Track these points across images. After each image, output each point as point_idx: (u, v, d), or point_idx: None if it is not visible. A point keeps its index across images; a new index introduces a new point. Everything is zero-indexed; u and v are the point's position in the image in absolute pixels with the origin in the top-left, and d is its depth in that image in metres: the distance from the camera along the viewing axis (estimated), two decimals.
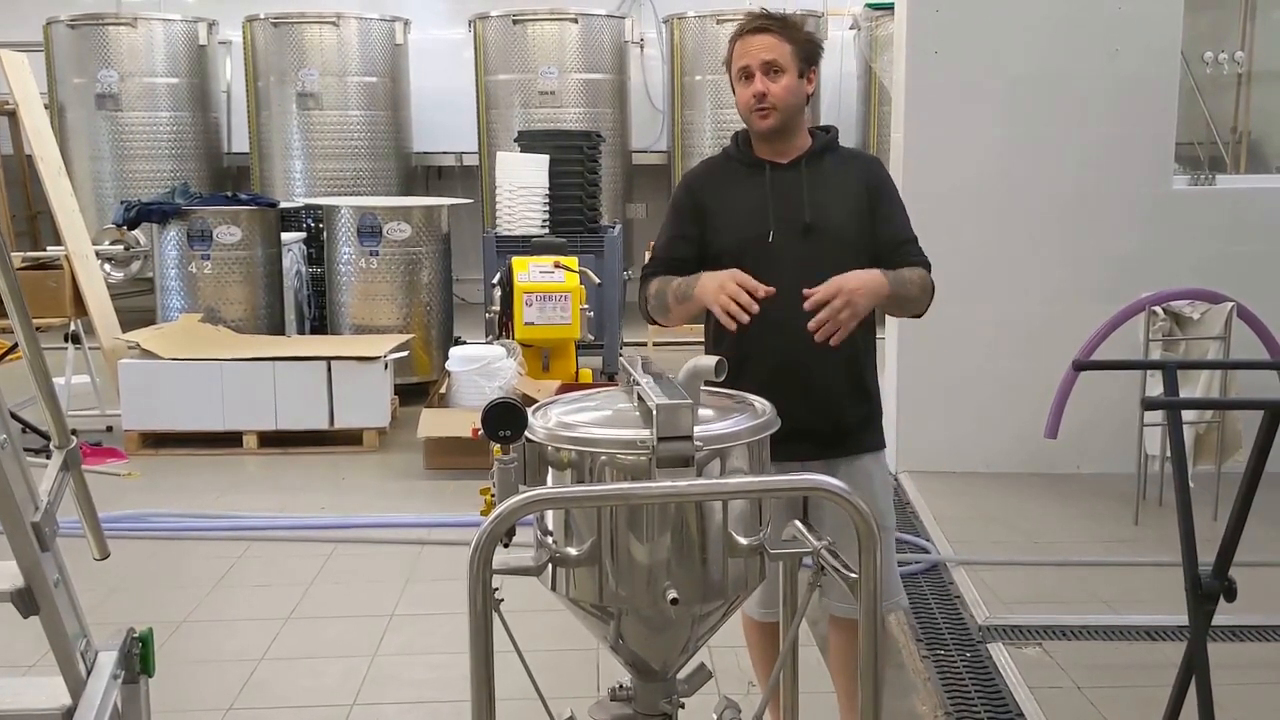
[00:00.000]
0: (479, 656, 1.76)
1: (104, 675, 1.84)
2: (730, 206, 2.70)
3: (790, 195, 2.66)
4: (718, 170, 2.79)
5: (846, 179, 2.71)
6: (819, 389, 2.64)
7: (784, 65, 2.61)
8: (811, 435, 2.59)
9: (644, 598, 1.90)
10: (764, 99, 2.60)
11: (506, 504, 1.74)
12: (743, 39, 2.66)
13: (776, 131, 2.65)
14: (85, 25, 9.88)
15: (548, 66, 9.75)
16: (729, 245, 2.67)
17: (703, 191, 2.74)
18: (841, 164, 2.73)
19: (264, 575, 4.51)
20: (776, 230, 2.63)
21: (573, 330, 6.55)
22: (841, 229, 2.66)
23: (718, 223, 2.70)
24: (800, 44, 2.65)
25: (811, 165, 2.69)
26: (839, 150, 2.76)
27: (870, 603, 1.81)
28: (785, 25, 2.66)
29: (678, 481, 1.80)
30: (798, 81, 2.64)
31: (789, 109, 2.63)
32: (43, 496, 1.75)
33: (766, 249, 2.63)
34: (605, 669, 3.43)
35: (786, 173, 2.69)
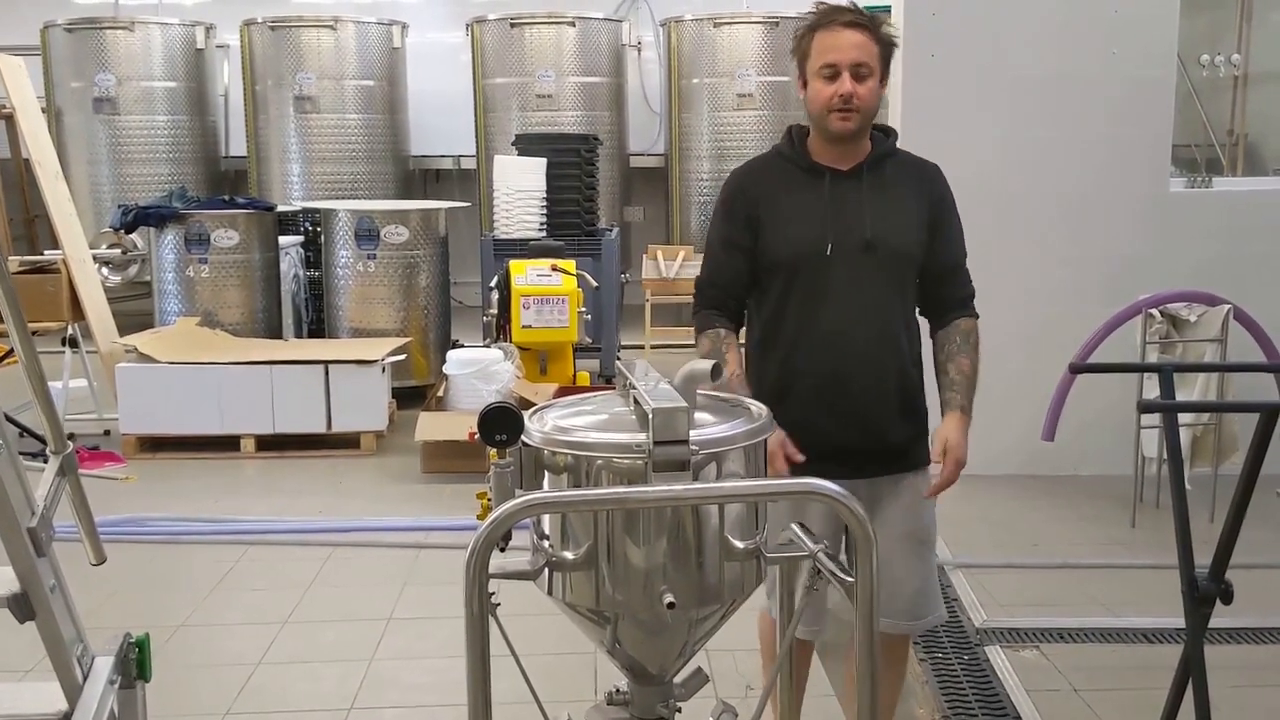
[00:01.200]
0: (475, 661, 1.76)
1: (100, 680, 1.85)
2: (786, 215, 2.55)
3: (850, 207, 2.52)
4: (772, 172, 2.62)
5: (908, 190, 2.58)
6: (870, 407, 2.56)
7: (873, 67, 2.47)
8: (860, 454, 2.54)
9: (640, 602, 1.90)
10: (850, 101, 2.45)
11: (503, 508, 1.74)
12: (830, 32, 2.47)
13: (854, 136, 2.52)
14: (82, 29, 9.89)
15: (545, 70, 9.76)
16: (783, 257, 2.54)
17: (757, 196, 2.58)
18: (902, 173, 2.60)
19: (261, 579, 4.51)
20: (835, 245, 2.50)
21: (570, 333, 6.55)
22: (902, 246, 2.54)
23: (772, 232, 2.55)
24: (885, 46, 2.51)
25: (873, 174, 2.55)
26: (898, 156, 2.62)
27: (867, 608, 1.81)
28: (874, 25, 2.50)
29: (674, 485, 1.80)
30: (879, 86, 2.50)
31: (870, 114, 2.50)
32: (39, 502, 1.75)
33: (823, 264, 2.51)
34: (603, 673, 3.43)
35: (847, 181, 2.54)
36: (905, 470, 2.64)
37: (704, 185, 9.94)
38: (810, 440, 2.47)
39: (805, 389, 2.51)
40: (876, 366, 2.53)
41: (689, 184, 10.01)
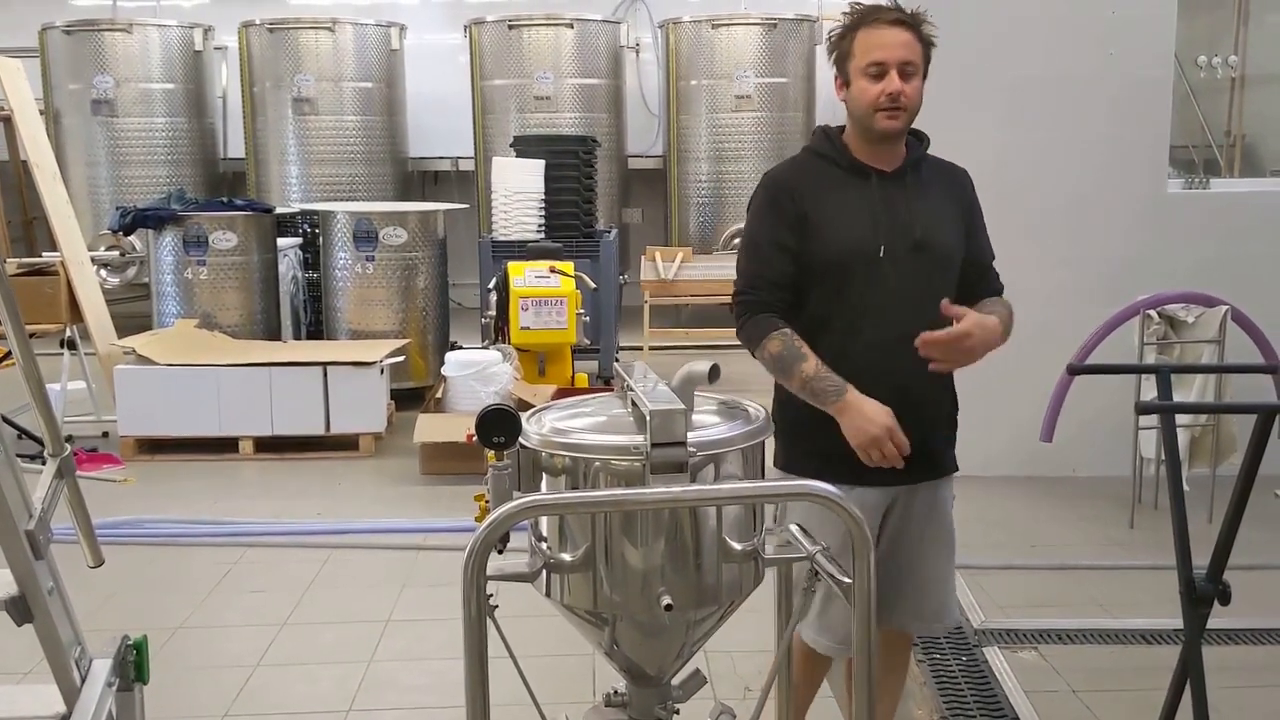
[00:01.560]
0: (473, 662, 1.77)
1: (98, 683, 1.85)
2: (835, 216, 2.47)
3: (897, 208, 2.48)
4: (814, 173, 2.53)
5: (944, 192, 2.56)
6: (923, 412, 2.52)
7: (918, 65, 2.43)
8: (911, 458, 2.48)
9: (638, 603, 1.90)
10: (898, 100, 2.40)
11: (500, 510, 1.75)
12: (875, 30, 2.43)
13: (899, 135, 2.48)
14: (81, 31, 9.89)
15: (543, 71, 9.76)
16: (834, 259, 2.46)
17: (801, 195, 2.49)
18: (936, 175, 2.58)
19: (260, 581, 4.50)
20: (887, 245, 2.45)
21: (568, 335, 6.55)
22: (948, 247, 2.52)
23: (823, 234, 2.47)
24: (927, 46, 2.47)
25: (914, 175, 2.52)
26: (929, 160, 2.59)
27: (864, 608, 1.81)
28: (918, 23, 2.46)
29: (671, 487, 1.81)
30: (922, 85, 2.46)
31: (915, 113, 2.46)
32: (36, 504, 1.75)
33: (876, 266, 2.45)
34: (601, 675, 3.43)
35: (892, 182, 2.50)
36: (941, 475, 2.63)
37: (702, 187, 9.95)
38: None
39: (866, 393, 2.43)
40: (925, 377, 2.46)
41: (687, 185, 10.02)
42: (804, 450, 2.55)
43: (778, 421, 2.57)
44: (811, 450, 2.52)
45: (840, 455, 2.44)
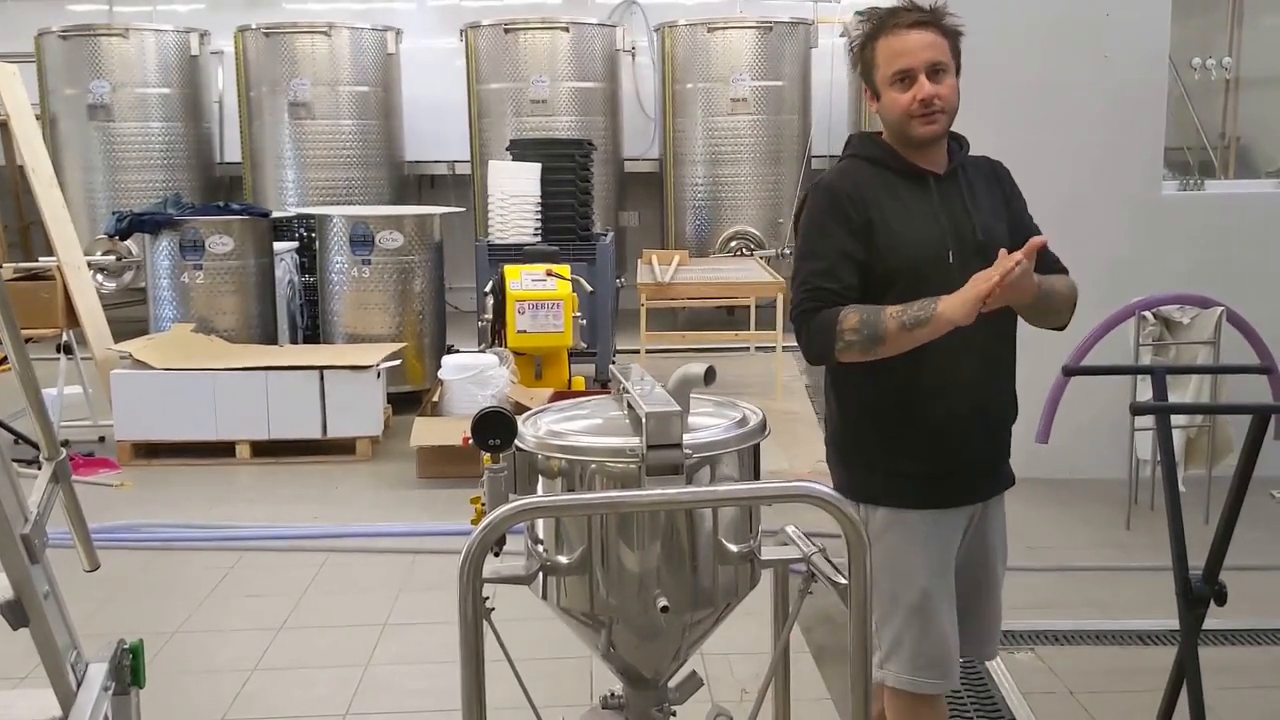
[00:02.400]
0: (469, 666, 1.77)
1: (94, 687, 1.84)
2: (901, 222, 2.35)
3: (956, 210, 2.38)
4: (871, 179, 2.39)
5: (989, 189, 2.47)
6: (996, 419, 2.43)
7: (948, 64, 2.31)
8: (987, 471, 2.43)
9: (635, 606, 1.90)
10: (932, 103, 2.29)
11: (496, 513, 1.75)
12: (894, 36, 2.31)
13: (940, 139, 2.37)
14: (77, 36, 9.89)
15: (539, 75, 9.77)
16: (903, 266, 2.32)
17: (865, 202, 2.36)
18: (978, 173, 2.48)
19: (257, 585, 4.50)
20: (954, 248, 2.34)
21: (565, 338, 6.55)
22: (1002, 243, 2.32)
23: (891, 240, 2.34)
24: (954, 38, 2.35)
25: (965, 175, 2.44)
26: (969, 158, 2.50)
27: (860, 611, 1.81)
28: (938, 19, 2.34)
29: (667, 489, 1.81)
30: (956, 81, 2.34)
31: (954, 113, 2.35)
32: (32, 508, 1.75)
33: (946, 271, 2.30)
34: (599, 678, 3.43)
35: (947, 184, 2.40)
36: (1009, 486, 2.53)
37: (698, 190, 9.96)
38: (945, 469, 2.37)
39: (933, 412, 2.33)
40: (996, 380, 2.40)
41: (683, 188, 10.03)
42: (885, 473, 2.39)
43: (842, 451, 2.49)
44: (893, 472, 2.38)
45: (922, 477, 2.36)
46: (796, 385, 7.77)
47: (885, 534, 2.36)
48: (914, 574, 2.35)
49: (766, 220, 9.84)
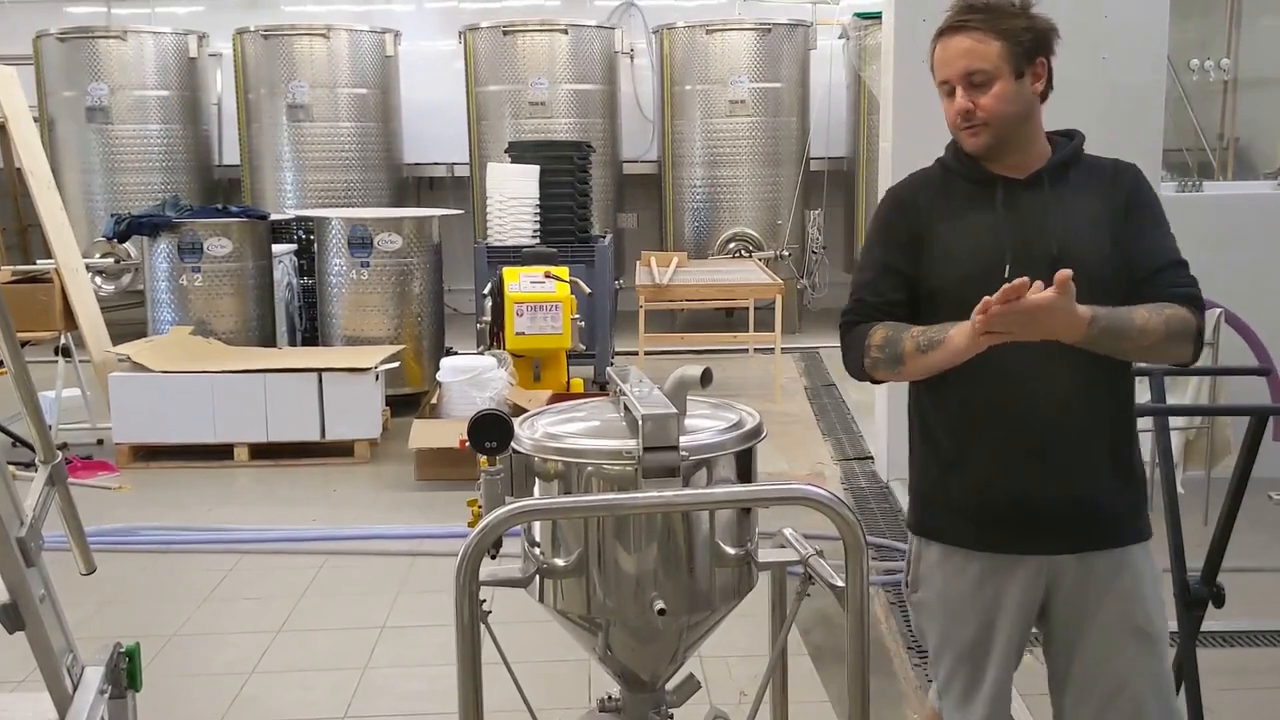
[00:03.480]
0: (466, 668, 1.77)
1: (90, 690, 1.84)
2: (953, 233, 2.17)
3: (1030, 220, 2.14)
4: (935, 186, 2.24)
5: (1096, 197, 2.18)
6: (1069, 459, 2.11)
7: (992, 71, 2.10)
8: (1061, 519, 2.12)
9: (631, 608, 1.90)
10: (971, 116, 2.12)
11: (493, 516, 1.75)
12: (941, 42, 2.15)
13: (994, 150, 2.16)
14: (75, 38, 9.89)
15: (538, 77, 9.77)
16: (950, 280, 2.14)
17: (917, 212, 2.21)
18: (1089, 178, 2.21)
19: (255, 588, 4.50)
20: (1015, 264, 2.08)
21: (564, 340, 6.55)
22: (1093, 263, 2.08)
23: (937, 252, 2.17)
24: (1014, 37, 2.11)
25: (1054, 181, 2.17)
26: (1084, 161, 2.24)
27: (857, 614, 1.81)
28: (992, 16, 2.11)
29: (664, 492, 1.81)
30: (1014, 85, 2.12)
31: (1006, 121, 2.12)
32: (28, 511, 1.75)
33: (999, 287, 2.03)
34: (597, 680, 3.42)
35: (1024, 191, 2.16)
36: (1121, 544, 2.15)
37: (697, 192, 9.96)
38: (1006, 510, 2.13)
39: (988, 443, 2.12)
40: (1079, 411, 2.10)
41: (682, 190, 10.03)
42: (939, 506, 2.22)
43: (910, 475, 2.32)
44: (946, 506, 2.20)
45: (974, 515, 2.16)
46: (795, 387, 7.77)
47: (935, 573, 2.22)
48: (964, 620, 2.19)
49: (765, 222, 9.84)
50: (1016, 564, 2.15)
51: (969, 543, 2.18)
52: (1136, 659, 2.14)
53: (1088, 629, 2.15)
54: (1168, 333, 2.03)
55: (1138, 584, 2.15)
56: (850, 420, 6.73)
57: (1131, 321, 2.01)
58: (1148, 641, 2.15)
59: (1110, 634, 2.14)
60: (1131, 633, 2.14)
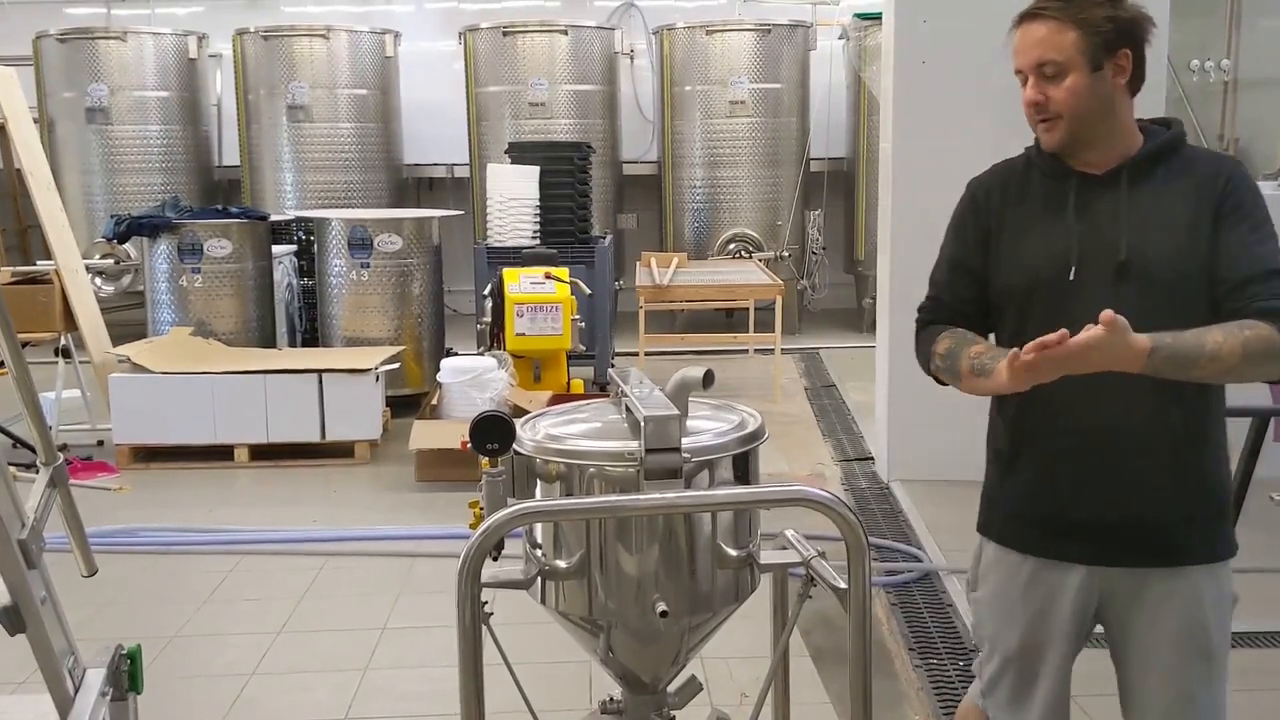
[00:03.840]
0: (468, 670, 1.77)
1: (92, 693, 1.84)
2: (1021, 231, 2.10)
3: (1103, 220, 2.03)
4: (1013, 179, 2.17)
5: (1183, 196, 2.02)
6: (1134, 471, 2.01)
7: (1064, 63, 1.99)
8: (1110, 531, 2.04)
9: (633, 610, 1.90)
10: (1044, 109, 2.03)
11: (495, 517, 1.74)
12: (1019, 28, 2.07)
13: (1070, 145, 2.06)
14: (75, 39, 9.89)
15: (538, 78, 9.77)
16: (1016, 282, 2.09)
17: (990, 207, 2.15)
18: (1181, 174, 2.04)
19: (255, 589, 4.50)
20: (1081, 267, 2.01)
21: (564, 341, 6.55)
22: (1172, 268, 1.98)
23: (1005, 251, 2.11)
24: (1092, 27, 1.99)
25: (1136, 177, 2.04)
26: (1182, 154, 2.07)
27: (859, 616, 1.81)
28: (1071, 4, 2.01)
29: (666, 493, 1.80)
30: (1091, 78, 1.99)
31: (1081, 115, 2.01)
32: (29, 513, 1.75)
33: (1065, 291, 2.02)
34: (598, 682, 3.42)
35: (1101, 188, 2.05)
36: (1183, 563, 2.05)
37: (697, 192, 9.96)
38: (1053, 515, 2.09)
39: (1039, 449, 2.06)
40: (1134, 422, 1.99)
41: (682, 191, 10.03)
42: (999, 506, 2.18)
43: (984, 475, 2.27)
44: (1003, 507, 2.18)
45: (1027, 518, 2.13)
46: (795, 388, 7.77)
47: (990, 573, 2.20)
48: (1013, 622, 2.16)
49: (765, 223, 9.84)
50: (1068, 571, 2.09)
51: (1021, 545, 2.14)
52: (1186, 683, 2.07)
53: (1140, 646, 2.09)
54: (1245, 355, 1.87)
55: (1193, 606, 2.05)
56: (850, 421, 6.73)
57: (1201, 348, 1.86)
58: (1203, 662, 2.07)
59: (1160, 654, 2.07)
60: (1181, 655, 2.06)
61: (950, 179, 6.21)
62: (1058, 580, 2.10)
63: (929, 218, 5.21)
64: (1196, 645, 2.06)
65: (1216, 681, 2.09)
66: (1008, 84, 5.93)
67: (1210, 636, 2.06)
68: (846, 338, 9.47)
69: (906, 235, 5.30)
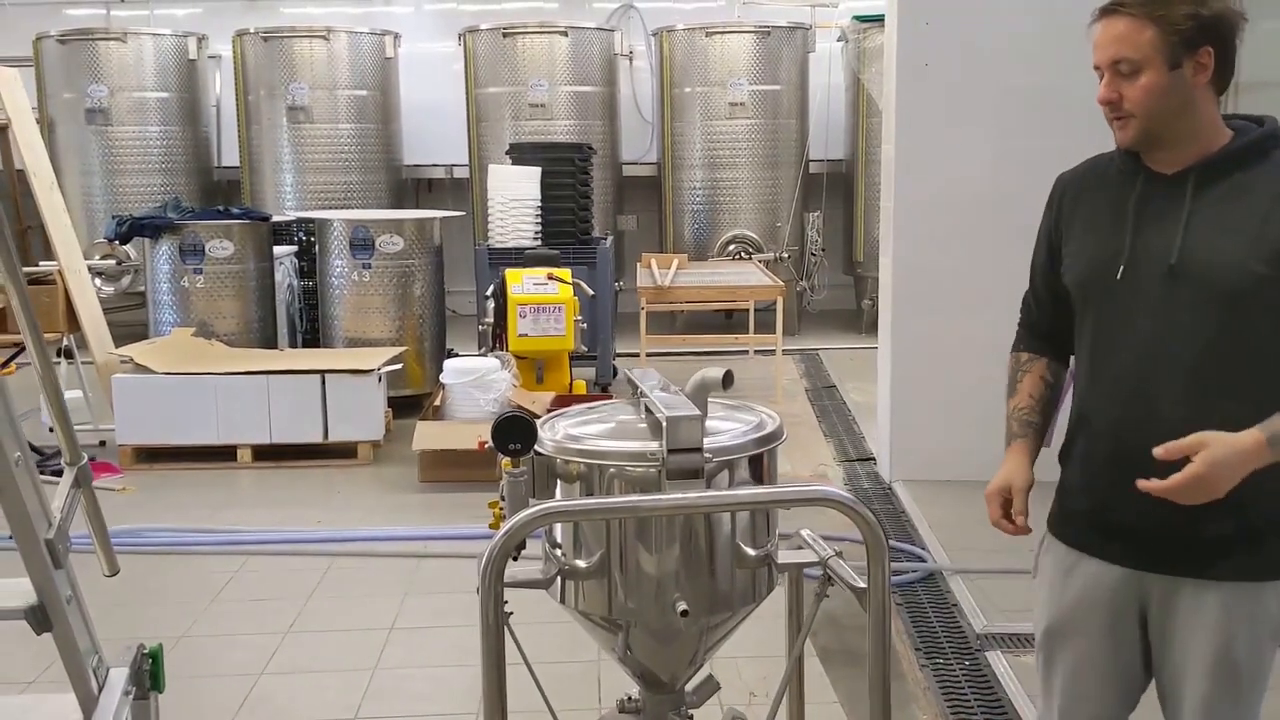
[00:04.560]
0: (491, 670, 1.78)
1: (116, 692, 1.85)
2: (1084, 229, 2.09)
3: (1164, 220, 1.98)
4: (1095, 176, 2.14)
5: (1257, 202, 1.93)
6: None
7: (1139, 60, 1.93)
8: (1150, 540, 2.01)
9: (653, 609, 1.91)
10: (1117, 107, 1.97)
11: (518, 517, 1.76)
12: (1099, 23, 1.99)
13: (1145, 144, 2.00)
14: (75, 40, 9.88)
15: (538, 79, 9.78)
16: (1074, 280, 2.10)
17: (1062, 205, 2.16)
18: (1261, 179, 1.96)
19: (261, 589, 4.50)
20: (1131, 267, 1.99)
21: (566, 342, 6.56)
22: (1222, 273, 1.92)
23: (1072, 247, 2.11)
24: (1171, 24, 1.93)
25: (1208, 177, 1.97)
26: (1272, 157, 1.98)
27: (879, 615, 1.82)
28: (1147, 5, 1.94)
29: (688, 493, 1.82)
30: (1168, 76, 1.93)
31: (1155, 114, 1.95)
32: (55, 513, 1.76)
33: (1112, 291, 2.01)
34: (607, 681, 3.43)
35: (1165, 189, 2.00)
36: (1222, 577, 1.98)
37: (696, 193, 9.98)
38: (1090, 511, 2.11)
39: (1088, 447, 2.05)
40: (1181, 428, 1.89)
41: (681, 192, 10.04)
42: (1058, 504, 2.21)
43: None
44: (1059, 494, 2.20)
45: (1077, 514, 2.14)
46: (796, 389, 7.79)
47: (1043, 557, 2.22)
48: (1047, 606, 2.18)
49: (765, 224, 9.86)
50: (1107, 570, 2.08)
51: (1066, 538, 2.17)
52: (1211, 701, 2.01)
53: (1172, 655, 2.05)
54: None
55: (1221, 625, 1.98)
56: (852, 421, 6.74)
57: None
58: (1231, 684, 2.01)
59: (1188, 667, 2.02)
60: (1206, 675, 2.00)
61: (951, 181, 6.23)
62: (1096, 576, 2.10)
63: (930, 219, 5.30)
64: (1223, 667, 2.00)
65: (1242, 703, 2.03)
66: (1009, 86, 5.96)
67: (1237, 661, 1.99)
68: (846, 339, 9.49)
69: (908, 237, 5.31)
